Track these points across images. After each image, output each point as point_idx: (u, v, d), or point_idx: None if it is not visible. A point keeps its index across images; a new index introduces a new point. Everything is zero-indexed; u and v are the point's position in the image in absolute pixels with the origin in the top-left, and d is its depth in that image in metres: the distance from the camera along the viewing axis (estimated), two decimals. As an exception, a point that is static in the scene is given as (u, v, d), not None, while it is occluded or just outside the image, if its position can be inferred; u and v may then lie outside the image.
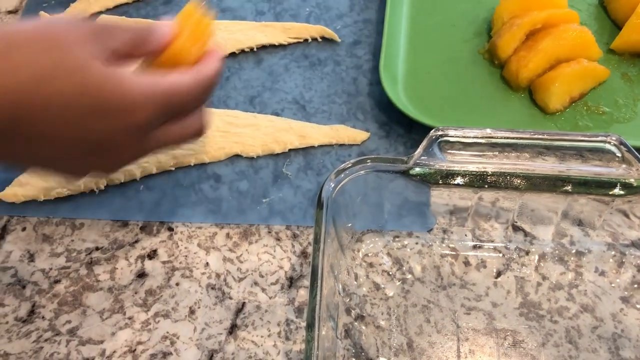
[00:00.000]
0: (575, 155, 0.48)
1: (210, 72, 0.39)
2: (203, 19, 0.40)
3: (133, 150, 0.37)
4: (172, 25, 0.39)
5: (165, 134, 0.38)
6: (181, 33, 0.39)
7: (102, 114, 0.34)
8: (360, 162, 0.42)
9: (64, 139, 0.34)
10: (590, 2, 0.61)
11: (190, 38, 0.39)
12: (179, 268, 0.46)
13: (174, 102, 0.36)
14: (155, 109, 0.35)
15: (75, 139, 0.34)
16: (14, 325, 0.43)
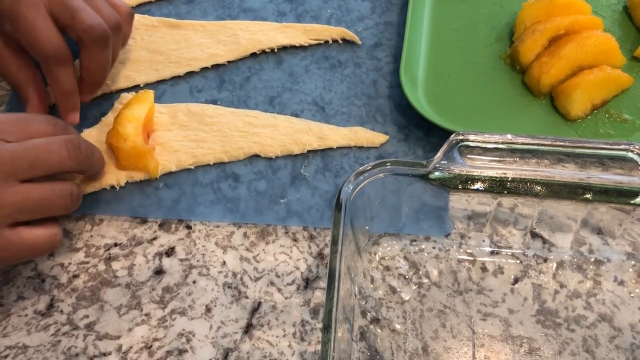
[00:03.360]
0: (596, 163, 0.47)
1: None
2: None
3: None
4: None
5: (27, 190, 0.40)
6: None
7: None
8: (380, 165, 0.42)
9: None
10: (614, 8, 0.61)
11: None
12: (196, 266, 0.46)
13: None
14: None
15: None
16: (32, 318, 0.44)
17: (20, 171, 0.39)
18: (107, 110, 0.55)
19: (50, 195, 0.41)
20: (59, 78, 0.47)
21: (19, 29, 0.46)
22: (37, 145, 0.40)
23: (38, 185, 0.40)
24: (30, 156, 0.39)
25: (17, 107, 0.55)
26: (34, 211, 0.40)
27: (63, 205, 0.42)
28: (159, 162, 0.50)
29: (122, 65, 0.57)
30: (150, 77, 0.56)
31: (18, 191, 0.39)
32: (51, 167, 0.41)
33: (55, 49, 0.46)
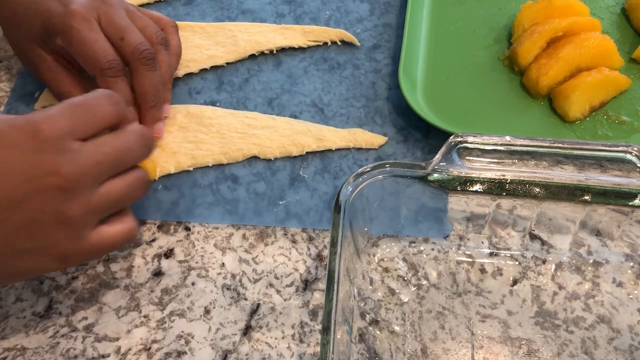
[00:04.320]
0: (594, 165, 0.47)
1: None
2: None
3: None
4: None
5: (108, 189, 0.39)
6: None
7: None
8: (379, 167, 0.42)
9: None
10: (612, 10, 0.61)
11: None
12: (195, 268, 0.46)
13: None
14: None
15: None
16: (31, 320, 0.44)
17: (104, 175, 0.39)
18: (105, 112, 0.55)
19: (128, 188, 0.40)
20: (115, 91, 0.45)
21: (73, 42, 0.46)
22: (115, 147, 0.39)
23: (118, 181, 0.39)
24: (112, 159, 0.39)
25: (15, 107, 0.55)
26: (116, 206, 0.40)
27: (140, 195, 0.42)
28: (157, 163, 0.50)
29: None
30: (149, 78, 0.56)
31: (100, 193, 0.38)
32: (129, 164, 0.40)
33: (111, 61, 0.47)
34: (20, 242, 0.36)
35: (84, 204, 0.37)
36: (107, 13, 0.48)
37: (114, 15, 0.48)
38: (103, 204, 0.39)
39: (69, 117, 0.37)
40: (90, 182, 0.37)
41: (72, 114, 0.38)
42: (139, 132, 0.41)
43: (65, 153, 0.36)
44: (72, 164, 0.36)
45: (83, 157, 0.37)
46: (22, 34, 0.48)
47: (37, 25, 0.47)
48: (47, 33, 0.47)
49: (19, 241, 0.36)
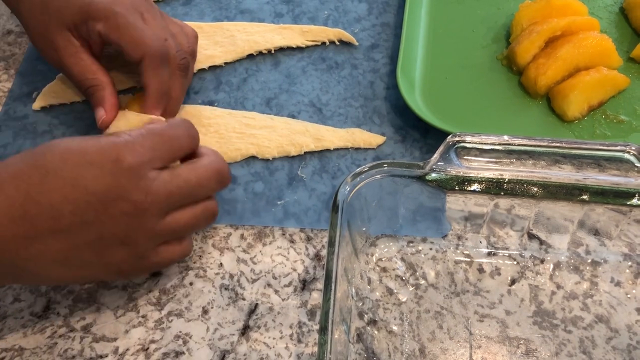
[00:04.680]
0: (592, 164, 0.47)
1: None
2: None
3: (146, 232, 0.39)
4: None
5: (175, 219, 0.40)
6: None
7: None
8: (377, 167, 0.42)
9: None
10: (611, 10, 0.61)
11: None
12: (193, 268, 0.46)
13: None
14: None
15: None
16: (29, 320, 0.44)
17: (173, 205, 0.39)
18: (103, 112, 0.55)
19: (195, 220, 0.41)
20: (160, 76, 0.47)
21: (120, 27, 0.46)
22: (189, 181, 0.40)
23: (184, 212, 0.40)
24: (184, 192, 0.39)
25: (13, 108, 0.55)
26: (178, 235, 0.41)
27: (204, 225, 0.43)
28: None
29: (119, 67, 0.56)
30: (147, 78, 0.56)
31: (166, 222, 0.39)
32: (199, 198, 0.41)
33: (161, 47, 0.47)
34: (86, 256, 0.38)
35: (149, 230, 0.39)
36: (150, 11, 0.49)
37: (155, 15, 0.49)
38: (167, 233, 0.40)
39: (149, 146, 0.39)
40: (158, 212, 0.39)
41: (153, 143, 0.39)
42: (215, 168, 0.41)
43: (140, 181, 0.37)
44: (145, 193, 0.38)
45: (155, 187, 0.38)
46: (52, 18, 0.48)
47: (73, 10, 0.47)
48: (84, 18, 0.47)
49: (85, 255, 0.38)
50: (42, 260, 0.37)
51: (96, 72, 0.49)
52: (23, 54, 0.59)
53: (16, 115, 0.55)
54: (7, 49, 0.60)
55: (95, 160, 0.37)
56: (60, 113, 0.55)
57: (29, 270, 0.37)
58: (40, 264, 0.37)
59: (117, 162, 0.37)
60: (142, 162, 0.38)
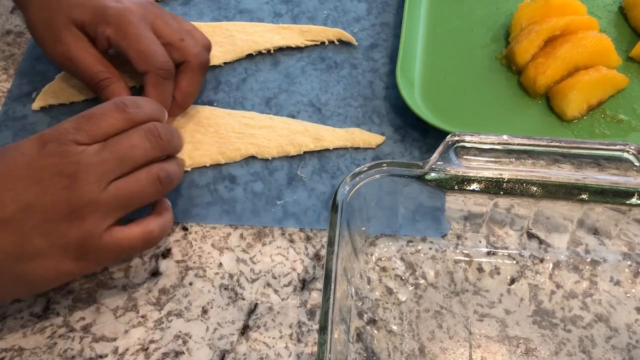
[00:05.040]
0: (592, 164, 0.47)
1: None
2: None
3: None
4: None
5: (116, 187, 0.40)
6: None
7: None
8: (376, 166, 0.42)
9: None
10: (610, 9, 0.61)
11: None
12: (193, 268, 0.46)
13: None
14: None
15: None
16: (28, 320, 0.44)
17: (109, 172, 0.39)
18: (103, 112, 0.55)
19: (137, 185, 0.41)
20: (164, 90, 0.49)
21: (129, 37, 0.47)
22: (120, 145, 0.40)
23: (125, 180, 0.40)
24: (116, 156, 0.40)
25: (13, 108, 0.55)
26: (127, 206, 0.40)
27: (155, 191, 0.42)
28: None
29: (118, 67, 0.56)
30: (147, 78, 0.56)
31: (109, 191, 0.39)
32: (137, 162, 0.41)
33: (167, 62, 0.48)
34: (36, 242, 0.38)
35: (92, 202, 0.38)
36: (161, 16, 0.50)
37: (169, 19, 0.50)
38: (111, 202, 0.39)
39: (73, 125, 0.40)
40: (96, 180, 0.39)
41: (77, 123, 0.40)
42: (145, 128, 0.42)
43: (69, 156, 0.38)
44: (76, 164, 0.38)
45: (86, 156, 0.39)
46: (62, 13, 0.48)
47: (87, 10, 0.48)
48: (96, 20, 0.48)
49: (35, 241, 0.38)
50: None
51: (106, 65, 0.50)
52: (22, 54, 0.59)
53: (15, 115, 0.55)
54: (7, 49, 0.60)
55: (25, 150, 0.39)
56: (59, 113, 0.55)
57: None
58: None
59: (42, 144, 0.39)
60: (65, 139, 0.39)
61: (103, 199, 0.39)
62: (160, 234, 0.42)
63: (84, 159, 0.39)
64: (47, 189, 0.38)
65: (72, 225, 0.38)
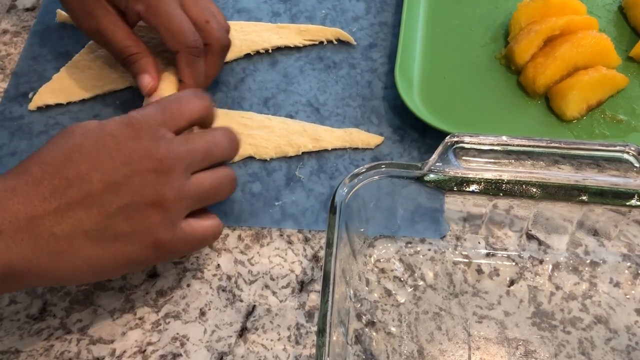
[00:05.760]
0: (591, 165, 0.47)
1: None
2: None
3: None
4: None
5: (199, 180, 0.40)
6: None
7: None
8: (375, 167, 0.42)
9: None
10: (609, 8, 0.60)
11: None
12: (190, 269, 0.46)
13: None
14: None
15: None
16: (25, 322, 0.44)
17: (195, 164, 0.40)
18: (100, 112, 0.54)
19: (219, 182, 0.41)
20: (197, 68, 0.49)
21: (159, 14, 0.48)
22: (205, 139, 0.41)
23: (208, 174, 0.41)
24: (202, 150, 0.40)
25: (9, 108, 0.55)
26: (206, 200, 0.41)
27: (229, 190, 0.43)
28: None
29: (116, 66, 0.56)
30: (144, 78, 0.56)
31: (193, 182, 0.40)
32: (217, 159, 0.42)
33: (197, 40, 0.48)
34: (119, 225, 0.37)
35: (177, 188, 0.39)
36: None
37: (196, 0, 0.50)
38: (194, 193, 0.40)
39: (160, 110, 0.40)
40: (183, 168, 0.39)
41: (163, 107, 0.41)
42: (226, 130, 0.43)
43: (159, 140, 0.39)
44: (166, 150, 0.39)
45: (175, 144, 0.39)
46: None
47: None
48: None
49: (119, 223, 0.37)
50: (76, 238, 0.36)
51: (136, 40, 0.50)
52: (19, 54, 0.59)
53: (12, 115, 0.54)
54: (3, 49, 0.59)
55: (113, 131, 0.38)
56: (56, 113, 0.54)
57: (64, 253, 0.36)
58: (74, 242, 0.36)
59: (132, 127, 0.39)
60: (155, 123, 0.39)
61: (187, 190, 0.39)
62: (221, 229, 0.43)
63: (174, 147, 0.39)
64: (136, 171, 0.37)
65: (156, 211, 0.38)
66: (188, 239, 0.40)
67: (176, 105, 0.41)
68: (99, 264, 0.38)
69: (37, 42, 0.59)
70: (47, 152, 0.38)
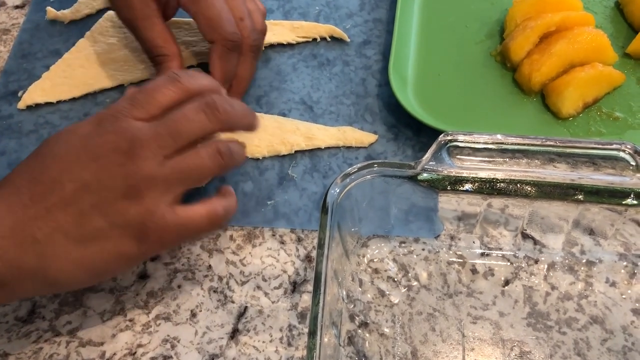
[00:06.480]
0: (587, 163, 0.47)
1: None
2: None
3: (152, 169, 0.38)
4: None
5: (176, 161, 0.38)
6: None
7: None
8: (367, 167, 0.41)
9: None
10: (606, 4, 0.60)
11: None
12: (181, 270, 0.45)
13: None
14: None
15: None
16: (14, 325, 0.43)
17: (165, 147, 0.38)
18: (91, 111, 0.54)
19: (196, 159, 0.39)
20: (229, 62, 0.48)
21: (201, 4, 0.47)
22: (174, 118, 0.39)
23: (183, 154, 0.39)
24: (171, 130, 0.38)
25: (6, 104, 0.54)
26: (186, 180, 0.39)
27: (215, 165, 0.40)
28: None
29: (106, 64, 0.56)
30: (135, 76, 0.55)
31: (166, 166, 0.38)
32: (193, 135, 0.39)
33: (235, 33, 0.47)
34: (96, 222, 0.37)
35: (148, 175, 0.37)
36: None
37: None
38: (169, 176, 0.38)
39: (128, 101, 0.39)
40: (152, 155, 0.37)
41: (132, 97, 0.40)
42: (201, 100, 0.40)
43: (124, 132, 0.38)
44: (131, 140, 0.37)
45: (141, 132, 0.38)
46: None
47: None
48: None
49: (95, 220, 0.37)
50: (58, 240, 0.36)
51: (167, 40, 0.49)
52: (8, 52, 0.58)
53: (1, 114, 0.54)
54: (-8, 47, 0.59)
55: (82, 131, 0.38)
56: (46, 112, 0.54)
57: (48, 257, 0.36)
58: (57, 245, 0.36)
59: (98, 122, 0.38)
60: (122, 114, 0.38)
61: (161, 174, 0.38)
62: (224, 215, 0.41)
63: (139, 134, 0.37)
64: (103, 166, 0.37)
65: (131, 202, 0.37)
66: (171, 227, 0.38)
67: (145, 94, 0.40)
68: (87, 264, 0.37)
69: (26, 39, 0.59)
70: (27, 162, 0.38)
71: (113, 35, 0.57)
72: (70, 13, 0.60)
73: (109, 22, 0.58)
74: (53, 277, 0.37)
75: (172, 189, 0.38)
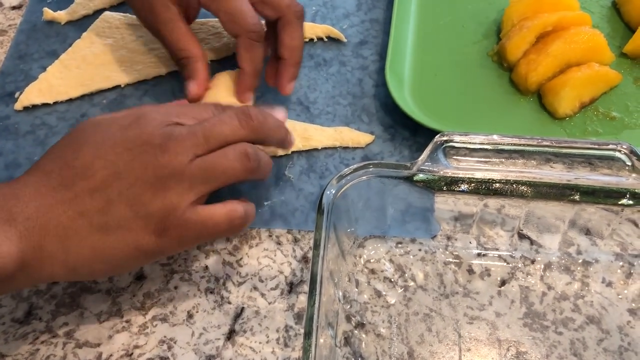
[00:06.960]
0: (583, 163, 0.47)
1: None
2: None
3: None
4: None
5: (203, 160, 0.39)
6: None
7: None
8: (363, 168, 0.41)
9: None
10: (603, 4, 0.60)
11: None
12: (178, 271, 0.45)
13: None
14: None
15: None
16: (10, 326, 0.43)
17: (197, 146, 0.39)
18: (87, 111, 0.54)
19: (223, 159, 0.40)
20: (255, 53, 0.48)
21: (221, 1, 0.47)
22: (210, 121, 0.40)
23: (212, 154, 0.40)
24: (205, 130, 0.40)
25: None
26: (212, 180, 0.40)
27: (242, 168, 0.40)
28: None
29: (103, 65, 0.55)
30: (132, 77, 0.55)
31: (195, 164, 0.39)
32: (225, 139, 0.40)
33: (258, 24, 0.48)
34: (120, 210, 0.37)
35: (178, 172, 0.38)
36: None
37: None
38: (196, 174, 0.39)
39: (169, 107, 0.42)
40: (183, 151, 0.38)
41: (170, 106, 0.42)
42: (238, 109, 0.42)
43: (163, 128, 0.39)
44: (167, 137, 0.39)
45: (177, 130, 0.39)
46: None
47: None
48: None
49: (121, 209, 0.37)
50: (81, 226, 0.37)
51: (190, 42, 0.49)
52: (5, 53, 0.58)
53: (-2, 114, 0.54)
54: (-11, 48, 0.59)
55: (121, 121, 0.40)
56: (43, 113, 0.54)
57: (71, 241, 0.37)
58: (80, 230, 0.37)
59: (139, 117, 0.39)
60: (163, 116, 0.40)
61: (188, 171, 0.38)
62: (244, 218, 0.41)
63: (175, 131, 0.39)
64: (136, 156, 0.38)
65: (157, 194, 0.38)
66: (190, 224, 0.39)
67: (190, 106, 0.43)
68: (106, 254, 0.38)
69: (23, 40, 0.59)
70: (58, 147, 0.39)
71: (110, 36, 0.57)
72: (67, 14, 0.60)
73: (106, 23, 0.58)
74: (72, 262, 0.37)
75: (197, 187, 0.39)
